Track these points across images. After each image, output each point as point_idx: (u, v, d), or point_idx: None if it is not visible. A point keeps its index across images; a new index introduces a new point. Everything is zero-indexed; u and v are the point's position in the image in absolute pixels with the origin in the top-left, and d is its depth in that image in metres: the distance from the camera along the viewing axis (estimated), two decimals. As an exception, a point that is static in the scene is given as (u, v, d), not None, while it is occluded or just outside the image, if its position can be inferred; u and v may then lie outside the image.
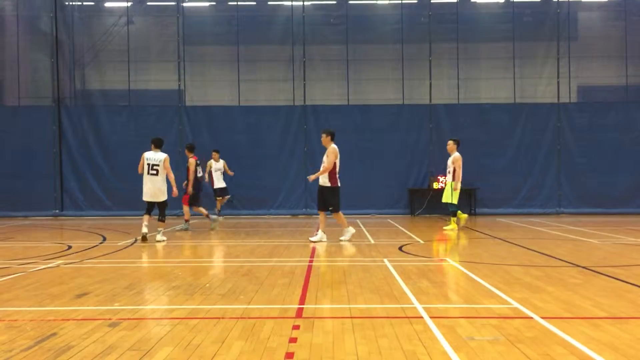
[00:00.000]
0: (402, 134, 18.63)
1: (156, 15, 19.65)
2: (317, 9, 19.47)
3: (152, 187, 11.27)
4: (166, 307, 5.76)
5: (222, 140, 18.41)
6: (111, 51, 19.09)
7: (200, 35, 19.14)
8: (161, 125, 18.57)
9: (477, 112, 18.69)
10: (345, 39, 18.82)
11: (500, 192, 18.41)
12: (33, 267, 8.36)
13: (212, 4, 19.75)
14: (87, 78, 19.59)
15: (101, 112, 18.76)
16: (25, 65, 19.23)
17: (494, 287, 6.65)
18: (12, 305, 5.94)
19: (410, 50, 18.97)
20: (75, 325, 5.04)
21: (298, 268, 8.20)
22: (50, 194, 18.41)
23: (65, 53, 19.00)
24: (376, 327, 4.96)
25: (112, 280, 7.30)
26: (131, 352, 4.29)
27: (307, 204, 18.64)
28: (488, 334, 4.71)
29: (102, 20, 19.49)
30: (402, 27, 18.84)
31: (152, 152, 11.45)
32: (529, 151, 18.58)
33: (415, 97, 19.04)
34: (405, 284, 6.83)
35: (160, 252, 10.23)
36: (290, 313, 5.53)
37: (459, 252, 10.20)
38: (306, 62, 18.91)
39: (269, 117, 18.65)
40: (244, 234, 13.48)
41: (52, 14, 18.69)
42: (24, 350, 4.33)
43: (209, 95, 19.30)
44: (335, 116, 18.73)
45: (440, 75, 19.03)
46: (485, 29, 19.11)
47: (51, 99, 18.74)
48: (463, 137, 18.55)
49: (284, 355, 4.22)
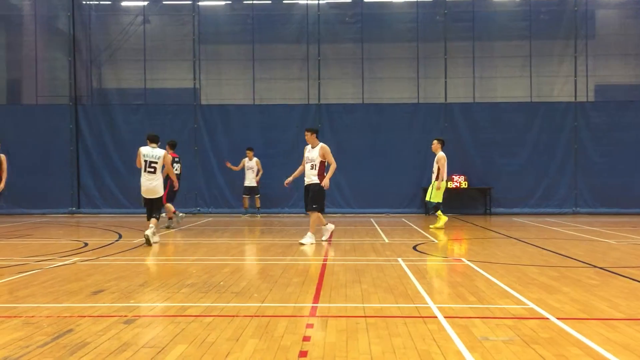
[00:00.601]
0: (417, 133, 18.55)
1: (172, 14, 19.74)
2: (332, 8, 19.45)
3: (149, 184, 10.73)
4: (181, 304, 5.79)
5: (236, 139, 18.51)
6: (127, 50, 19.23)
7: (215, 34, 19.21)
8: (176, 123, 18.72)
9: (493, 111, 18.57)
10: (360, 38, 18.79)
11: (515, 191, 18.30)
12: (50, 264, 8.45)
13: (227, 3, 19.81)
14: (104, 77, 19.76)
15: (117, 110, 18.91)
16: (43, 64, 19.44)
17: (509, 287, 6.61)
18: (29, 301, 6.01)
19: (425, 48, 18.89)
20: (91, 322, 5.08)
21: (312, 267, 8.21)
22: (67, 192, 18.61)
23: (83, 52, 19.17)
24: (390, 326, 4.94)
25: (127, 277, 7.36)
26: (146, 349, 4.32)
27: (322, 203, 18.62)
28: (503, 335, 4.68)
29: (119, 19, 19.63)
30: (418, 26, 18.77)
31: (149, 147, 10.88)
32: (545, 150, 18.42)
33: (430, 96, 18.96)
34: (419, 284, 6.81)
35: (175, 250, 10.28)
36: (304, 312, 5.54)
37: (474, 252, 10.14)
38: (321, 60, 18.90)
39: (284, 115, 18.67)
40: (258, 232, 13.52)
41: (70, 13, 18.87)
42: (40, 346, 4.38)
43: (224, 94, 19.37)
44: (350, 115, 18.74)
45: (456, 74, 18.92)
46: (501, 27, 18.97)
47: (68, 98, 18.92)
48: (478, 136, 18.60)
49: (298, 353, 4.22)
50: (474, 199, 18.62)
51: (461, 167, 18.34)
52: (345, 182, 18.58)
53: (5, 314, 5.37)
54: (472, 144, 18.54)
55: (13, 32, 19.88)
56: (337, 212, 18.44)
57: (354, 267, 8.16)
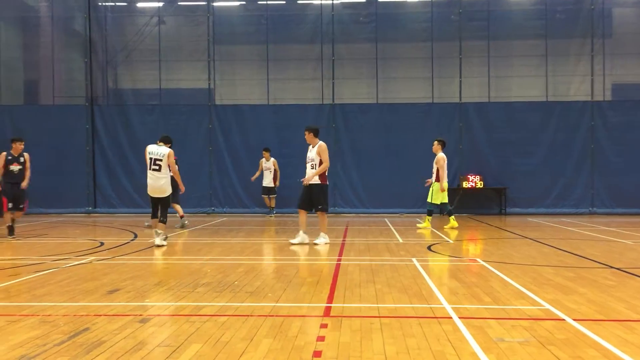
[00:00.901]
0: (431, 133, 18.37)
1: (187, 15, 19.84)
2: (346, 8, 19.42)
3: (154, 183, 10.47)
4: (195, 304, 5.82)
5: (251, 139, 18.56)
6: (143, 51, 19.36)
7: (230, 34, 19.27)
8: (191, 123, 18.82)
9: (508, 110, 18.44)
10: (374, 38, 18.74)
11: (531, 191, 18.15)
12: (66, 263, 8.53)
13: (242, 3, 19.87)
14: (120, 77, 19.90)
15: (133, 111, 19.04)
16: (60, 65, 19.63)
17: (524, 287, 6.56)
18: (46, 300, 6.07)
19: (440, 48, 18.80)
20: (107, 321, 5.12)
21: (326, 266, 8.21)
22: (83, 192, 18.76)
23: (99, 53, 19.33)
24: (404, 327, 4.93)
25: (142, 276, 7.41)
26: (161, 348, 4.34)
27: (336, 203, 18.62)
28: (518, 336, 4.65)
29: (134, 20, 19.77)
30: (432, 25, 18.69)
31: (156, 145, 10.70)
32: (561, 150, 18.25)
33: (444, 95, 18.87)
34: (434, 284, 6.78)
35: (189, 249, 10.34)
36: (318, 311, 5.54)
37: (489, 252, 10.08)
38: (335, 60, 18.89)
39: (298, 115, 18.66)
40: (272, 232, 13.55)
41: (86, 15, 19.03)
42: (57, 344, 4.42)
43: (239, 94, 19.43)
44: (364, 115, 18.70)
45: (471, 74, 18.81)
46: (516, 26, 18.81)
47: (85, 98, 19.08)
48: (493, 136, 18.47)
49: (312, 353, 4.23)
50: (489, 198, 18.50)
51: (476, 167, 18.24)
52: (359, 182, 18.57)
53: (22, 313, 5.43)
54: (487, 143, 18.43)
55: (30, 34, 20.09)
56: (351, 212, 18.43)
57: (368, 267, 8.15)
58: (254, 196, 18.22)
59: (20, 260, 8.85)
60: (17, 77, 20.09)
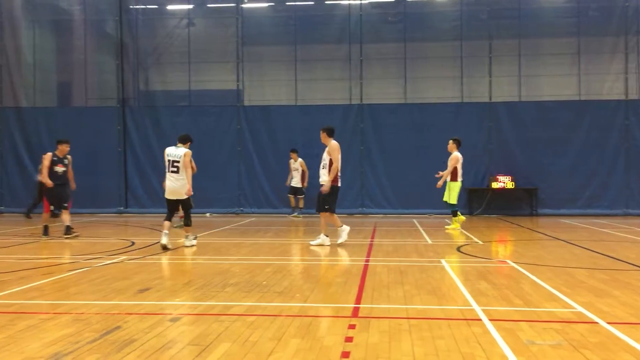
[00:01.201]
0: (461, 133, 18.13)
1: (216, 17, 20.02)
2: (374, 7, 19.37)
3: (172, 185, 10.26)
4: (224, 303, 5.86)
5: (279, 140, 18.64)
6: (172, 53, 19.60)
7: (258, 35, 19.39)
8: (220, 124, 18.99)
9: (540, 109, 18.15)
10: (402, 37, 18.64)
11: (563, 192, 17.84)
12: (99, 262, 8.68)
13: (270, 5, 19.96)
14: (150, 79, 20.17)
15: (163, 112, 19.29)
16: (92, 67, 19.99)
17: (556, 290, 6.45)
18: (79, 298, 6.18)
19: (469, 47, 18.61)
20: (138, 319, 5.19)
21: (354, 267, 8.19)
22: (114, 192, 19.07)
23: (130, 55, 19.62)
24: (433, 328, 4.89)
25: (172, 276, 7.50)
26: (191, 347, 4.39)
27: (363, 203, 18.60)
28: (550, 339, 4.57)
29: (165, 23, 20.03)
30: (462, 24, 18.52)
31: (174, 147, 10.46)
32: (594, 150, 17.90)
33: (474, 95, 18.67)
34: (463, 286, 6.71)
35: (218, 249, 10.42)
36: (346, 312, 5.53)
37: (520, 254, 9.94)
38: (363, 60, 18.85)
39: (326, 116, 18.63)
40: (300, 232, 13.57)
41: (117, 18, 19.34)
42: (90, 342, 4.50)
43: (267, 95, 19.53)
44: (392, 115, 18.62)
45: (501, 73, 18.57)
46: (548, 24, 18.50)
47: (116, 100, 19.39)
48: (524, 135, 18.20)
49: (340, 354, 4.22)
50: (520, 199, 18.24)
51: (506, 167, 18.02)
52: (387, 182, 18.49)
53: (56, 311, 5.54)
54: (517, 143, 18.18)
55: (63, 37, 20.50)
56: (379, 212, 18.37)
57: (396, 268, 8.11)
58: (282, 196, 18.29)
59: (54, 260, 9.04)
60: (51, 79, 20.53)
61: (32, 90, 19.67)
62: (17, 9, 19.79)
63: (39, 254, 9.88)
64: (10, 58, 19.62)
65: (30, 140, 19.33)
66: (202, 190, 17.84)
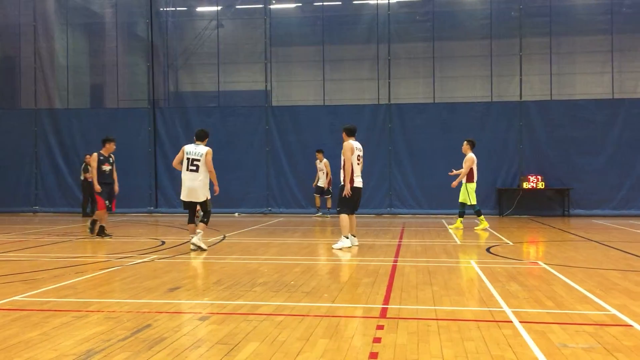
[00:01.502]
0: (491, 133, 18.09)
1: (244, 18, 20.17)
2: (402, 7, 19.27)
3: (191, 184, 9.83)
4: (253, 302, 5.89)
5: (307, 140, 18.67)
6: (202, 54, 19.81)
7: (286, 36, 19.47)
8: (248, 125, 19.12)
9: (572, 108, 17.84)
10: (431, 36, 18.51)
11: (596, 192, 17.49)
12: (130, 261, 8.81)
13: (298, 5, 20.02)
14: (180, 80, 20.42)
15: (192, 113, 19.48)
16: (124, 69, 20.32)
17: (589, 292, 6.33)
18: (111, 297, 6.29)
19: (499, 45, 18.40)
20: (167, 318, 5.25)
21: (382, 267, 8.16)
22: (145, 192, 19.33)
23: (160, 57, 19.89)
24: (462, 330, 4.84)
25: (202, 275, 7.57)
26: (219, 346, 4.42)
27: (392, 204, 18.52)
28: (583, 342, 4.49)
29: (194, 25, 20.25)
30: (491, 22, 18.30)
31: (193, 145, 10.02)
32: (628, 149, 17.51)
33: (504, 94, 18.43)
34: (493, 287, 6.63)
35: (247, 249, 10.48)
36: (374, 313, 5.51)
37: (552, 255, 9.77)
38: (391, 60, 18.77)
39: (354, 116, 18.59)
40: (328, 233, 13.57)
41: (148, 20, 19.62)
42: (121, 340, 4.57)
43: (295, 95, 19.60)
44: (421, 115, 18.50)
45: (531, 71, 18.31)
46: (580, 22, 18.17)
47: (147, 101, 19.67)
48: (556, 135, 17.89)
49: (368, 355, 4.20)
50: (551, 199, 17.95)
51: (537, 167, 17.75)
52: (416, 182, 18.38)
53: (89, 309, 5.64)
54: (549, 143, 17.89)
55: (96, 40, 20.88)
56: (408, 212, 18.27)
57: (425, 268, 8.05)
58: (310, 196, 18.33)
59: (87, 258, 9.20)
60: (83, 81, 20.92)
61: (65, 92, 20.06)
62: (50, 13, 20.22)
63: (73, 252, 10.07)
64: (44, 61, 20.06)
65: (64, 142, 19.73)
66: (231, 190, 18.04)
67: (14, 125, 19.78)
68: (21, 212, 19.39)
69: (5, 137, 19.59)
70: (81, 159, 19.25)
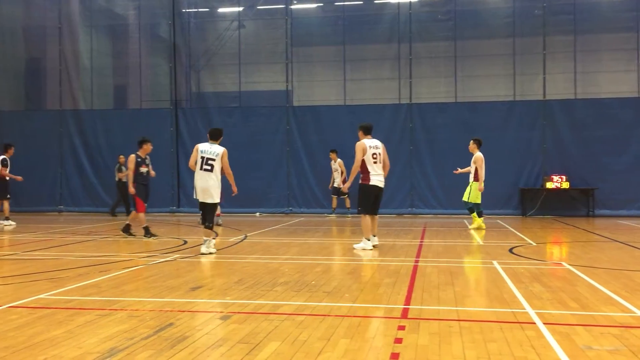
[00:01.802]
0: (513, 132, 17.90)
1: (266, 19, 20.23)
2: (423, 6, 19.15)
3: (204, 184, 9.67)
4: (274, 302, 5.91)
5: (328, 140, 18.66)
6: (223, 55, 19.92)
7: (307, 36, 19.49)
8: (269, 125, 19.18)
9: (597, 107, 17.56)
10: (453, 35, 18.37)
11: (622, 192, 17.19)
12: (153, 260, 8.90)
13: (319, 5, 20.03)
14: (202, 81, 20.55)
15: (214, 113, 19.60)
16: (146, 70, 20.53)
17: (614, 293, 6.23)
18: (134, 295, 6.36)
19: (522, 44, 18.20)
20: (190, 317, 5.30)
21: (403, 268, 8.12)
22: (167, 192, 19.50)
23: (182, 58, 20.05)
24: (485, 331, 4.80)
25: (223, 274, 7.61)
26: (241, 345, 4.44)
27: (413, 204, 18.43)
28: (608, 344, 4.42)
29: (216, 26, 20.38)
30: (514, 21, 18.12)
31: (208, 144, 9.88)
32: (656, 148, 17.21)
33: (527, 93, 18.23)
34: (516, 288, 6.57)
35: (268, 249, 10.52)
36: (396, 313, 5.49)
37: (576, 256, 9.64)
38: (412, 59, 18.68)
39: (375, 116, 18.51)
40: (349, 233, 13.56)
41: (170, 21, 19.79)
42: (144, 338, 4.61)
43: (316, 95, 19.61)
44: (442, 114, 18.38)
45: (555, 70, 18.07)
46: (605, 19, 17.88)
47: (169, 102, 19.84)
48: (580, 134, 17.64)
49: (390, 355, 4.19)
50: (576, 200, 17.70)
51: (561, 167, 17.52)
52: (437, 182, 18.26)
53: (112, 307, 5.71)
54: (573, 142, 17.64)
55: (119, 41, 21.13)
56: (429, 212, 18.17)
57: (446, 269, 8.00)
58: (331, 196, 18.31)
59: (111, 257, 9.31)
60: (107, 82, 21.18)
61: (89, 93, 20.33)
62: (75, 15, 20.51)
63: (97, 251, 10.20)
64: (69, 62, 20.36)
65: (88, 142, 20.00)
66: (252, 190, 18.12)
67: (40, 126, 20.09)
68: (47, 211, 19.69)
69: (32, 137, 19.90)
70: (105, 159, 19.51)
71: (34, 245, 11.09)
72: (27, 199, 19.43)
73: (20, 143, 18.68)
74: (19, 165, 19.31)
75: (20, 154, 19.37)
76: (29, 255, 9.70)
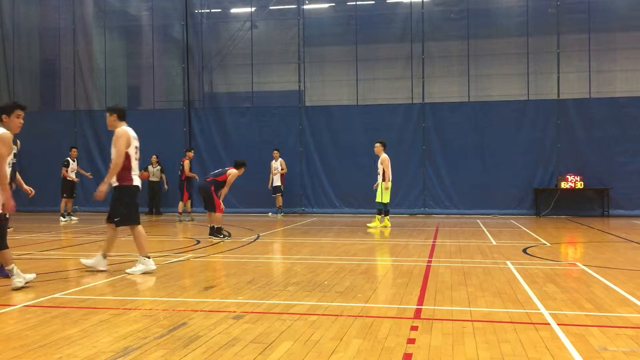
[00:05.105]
0: (527, 131, 17.80)
1: (278, 19, 20.27)
2: (436, 5, 19.08)
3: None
4: (286, 302, 5.91)
5: (340, 140, 18.67)
6: (236, 55, 19.98)
7: (319, 36, 19.50)
8: (282, 125, 19.22)
9: (612, 106, 17.42)
10: (466, 34, 18.30)
11: (638, 192, 17.05)
12: (166, 260, 8.94)
13: (331, 5, 20.04)
14: (214, 81, 20.63)
15: (226, 113, 19.68)
16: (160, 71, 20.66)
17: (630, 294, 6.17)
18: (148, 295, 6.39)
19: (536, 42, 18.08)
20: (202, 316, 5.31)
21: (416, 268, 8.10)
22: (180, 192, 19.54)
23: (195, 58, 20.14)
24: (498, 332, 4.77)
25: (236, 274, 7.63)
26: (254, 345, 4.45)
27: (426, 203, 18.38)
28: (623, 345, 4.37)
29: (228, 26, 20.45)
30: (528, 19, 18.00)
31: None
32: (672, 148, 17.02)
33: (541, 92, 18.11)
34: (530, 288, 6.52)
35: (280, 249, 10.54)
36: (408, 313, 5.47)
37: (590, 256, 9.56)
38: (425, 59, 18.62)
39: (387, 115, 18.58)
40: (361, 233, 13.54)
41: (183, 22, 19.89)
42: (157, 337, 4.64)
43: (328, 95, 19.61)
44: (455, 114, 18.31)
45: (570, 69, 17.93)
46: (620, 18, 17.73)
47: (182, 102, 19.93)
48: (595, 133, 17.49)
49: (402, 356, 4.18)
50: (590, 200, 17.56)
51: (575, 167, 17.39)
52: (450, 182, 18.20)
53: (126, 306, 5.74)
54: (588, 141, 17.51)
55: (132, 42, 21.27)
56: (442, 212, 18.11)
57: (459, 269, 7.96)
58: (343, 196, 18.31)
59: (125, 257, 9.36)
60: (121, 83, 21.33)
61: (103, 94, 20.48)
62: (89, 16, 20.68)
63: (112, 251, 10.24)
64: (83, 63, 20.53)
65: (102, 142, 20.12)
66: (264, 191, 18.16)
67: (54, 127, 20.27)
68: (61, 211, 19.84)
69: (47, 138, 20.07)
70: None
71: (48, 244, 11.19)
72: (42, 198, 19.50)
73: (35, 143, 18.88)
74: (34, 165, 19.55)
75: (35, 154, 19.59)
76: (44, 254, 9.79)
